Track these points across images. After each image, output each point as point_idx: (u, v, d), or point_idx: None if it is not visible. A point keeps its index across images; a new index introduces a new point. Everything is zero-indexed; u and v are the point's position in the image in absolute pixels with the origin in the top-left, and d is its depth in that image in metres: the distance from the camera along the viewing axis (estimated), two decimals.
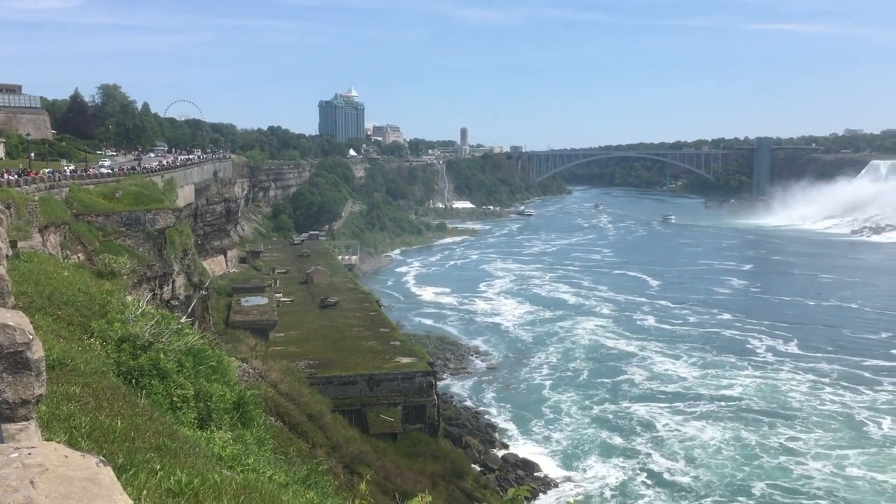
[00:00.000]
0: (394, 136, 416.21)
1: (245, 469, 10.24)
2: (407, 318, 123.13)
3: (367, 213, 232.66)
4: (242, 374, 46.66)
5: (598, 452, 70.44)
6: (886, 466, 66.02)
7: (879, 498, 60.70)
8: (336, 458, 49.21)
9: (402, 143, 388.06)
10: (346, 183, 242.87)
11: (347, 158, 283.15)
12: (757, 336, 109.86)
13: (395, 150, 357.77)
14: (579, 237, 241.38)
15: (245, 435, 13.42)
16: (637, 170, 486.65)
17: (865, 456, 68.41)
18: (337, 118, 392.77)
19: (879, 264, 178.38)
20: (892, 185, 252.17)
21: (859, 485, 62.75)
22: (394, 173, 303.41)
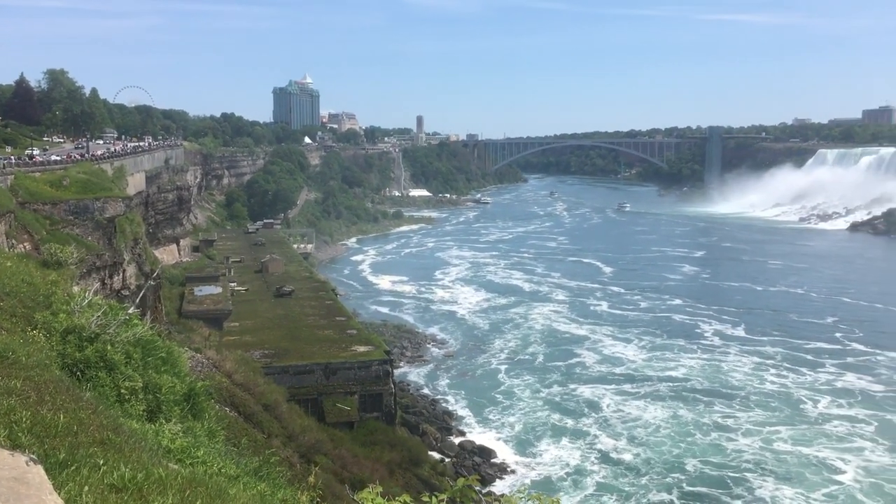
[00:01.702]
0: (349, 123, 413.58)
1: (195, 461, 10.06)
2: (363, 306, 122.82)
3: (322, 202, 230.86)
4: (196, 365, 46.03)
5: (550, 436, 71.64)
6: (813, 441, 68.98)
7: (805, 470, 63.34)
8: (292, 448, 48.88)
9: (357, 131, 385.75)
10: (301, 171, 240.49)
11: (302, 146, 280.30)
12: (706, 320, 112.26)
13: (351, 138, 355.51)
14: (535, 225, 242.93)
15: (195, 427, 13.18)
16: (592, 158, 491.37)
17: (797, 432, 71.10)
18: (291, 105, 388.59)
19: (826, 251, 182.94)
20: (838, 174, 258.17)
21: (786, 458, 65.54)
22: (350, 161, 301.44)
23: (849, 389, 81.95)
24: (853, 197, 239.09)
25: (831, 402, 78.44)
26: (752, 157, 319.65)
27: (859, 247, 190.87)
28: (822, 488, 60.29)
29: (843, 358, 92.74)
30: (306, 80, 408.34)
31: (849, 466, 63.72)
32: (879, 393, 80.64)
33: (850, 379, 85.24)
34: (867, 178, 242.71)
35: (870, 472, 62.70)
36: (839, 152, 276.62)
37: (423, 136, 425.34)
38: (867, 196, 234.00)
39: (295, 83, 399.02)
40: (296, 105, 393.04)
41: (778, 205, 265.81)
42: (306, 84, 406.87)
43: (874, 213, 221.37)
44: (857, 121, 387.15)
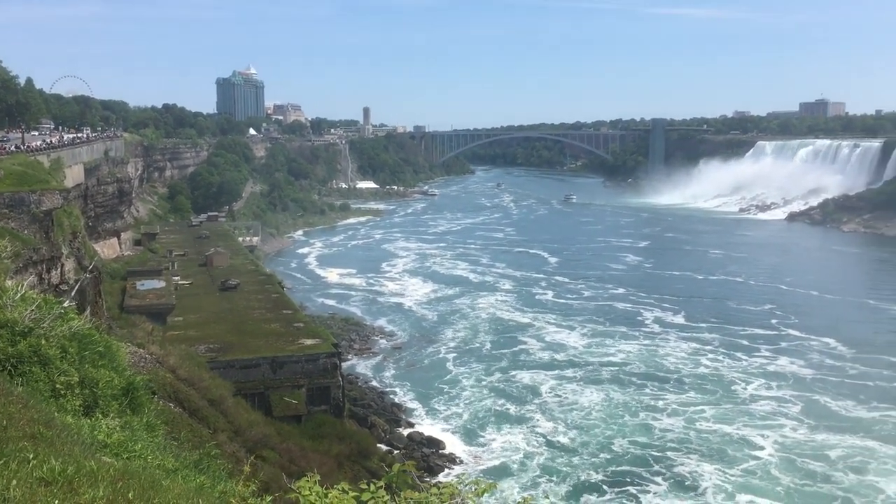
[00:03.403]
0: (295, 115, 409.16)
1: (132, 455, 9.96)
2: (311, 299, 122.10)
3: (268, 194, 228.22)
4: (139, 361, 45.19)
5: (496, 424, 72.77)
6: (738, 420, 71.74)
7: (727, 447, 65.87)
8: (238, 443, 48.45)
9: (303, 123, 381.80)
10: (246, 163, 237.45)
11: (247, 138, 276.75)
12: (647, 308, 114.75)
13: (297, 130, 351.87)
14: (483, 216, 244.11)
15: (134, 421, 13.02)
16: (538, 150, 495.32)
17: (724, 412, 73.83)
18: (236, 96, 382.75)
19: (764, 240, 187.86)
20: (776, 165, 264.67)
21: (710, 437, 68.25)
22: (296, 153, 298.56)
23: (780, 373, 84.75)
24: (791, 188, 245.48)
25: (762, 384, 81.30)
26: (694, 148, 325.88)
27: (796, 236, 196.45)
28: (741, 464, 62.81)
29: (778, 343, 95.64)
30: (251, 71, 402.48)
31: (767, 442, 66.71)
32: (809, 376, 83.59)
33: (782, 363, 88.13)
34: (804, 170, 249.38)
35: (786, 448, 65.54)
36: (777, 144, 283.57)
37: (370, 128, 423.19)
38: (804, 187, 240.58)
39: (239, 74, 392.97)
40: (240, 96, 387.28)
41: (719, 196, 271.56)
42: (251, 75, 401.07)
43: (810, 203, 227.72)
44: (795, 114, 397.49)
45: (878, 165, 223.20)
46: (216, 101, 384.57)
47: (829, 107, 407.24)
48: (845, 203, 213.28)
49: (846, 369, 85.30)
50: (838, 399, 76.27)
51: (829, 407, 74.61)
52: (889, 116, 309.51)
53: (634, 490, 59.17)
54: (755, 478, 60.52)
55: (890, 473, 60.41)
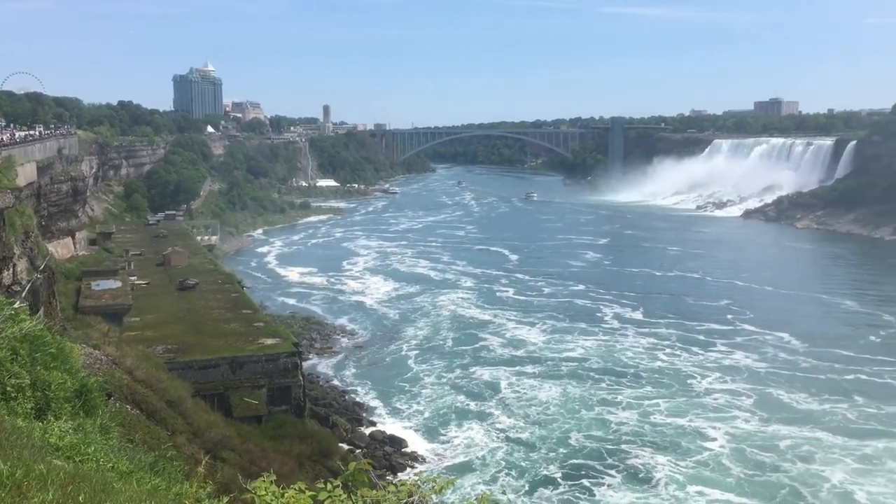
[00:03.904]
0: (254, 112, 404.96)
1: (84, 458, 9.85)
2: (271, 298, 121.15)
3: (227, 192, 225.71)
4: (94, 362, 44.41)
5: (458, 421, 73.09)
6: (692, 412, 73.06)
7: (680, 439, 67.15)
8: (197, 444, 47.90)
9: (262, 120, 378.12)
10: (204, 161, 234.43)
11: (205, 135, 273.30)
12: (606, 304, 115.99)
13: (256, 127, 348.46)
14: (444, 214, 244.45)
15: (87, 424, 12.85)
16: (499, 148, 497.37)
17: (678, 405, 75.11)
18: (193, 93, 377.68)
19: (721, 237, 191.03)
20: (732, 163, 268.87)
21: (664, 429, 69.50)
22: (255, 151, 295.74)
23: (735, 366, 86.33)
24: (746, 185, 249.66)
25: (716, 378, 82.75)
26: (652, 146, 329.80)
27: (752, 233, 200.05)
28: (694, 455, 64.02)
29: (733, 338, 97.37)
30: (208, 68, 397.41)
31: (719, 434, 68.05)
32: (763, 369, 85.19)
33: (737, 357, 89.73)
34: (759, 168, 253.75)
35: (737, 439, 66.90)
36: (733, 142, 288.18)
37: (330, 126, 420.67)
38: (759, 184, 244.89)
39: (196, 71, 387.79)
40: (197, 93, 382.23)
41: (677, 193, 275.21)
42: (208, 72, 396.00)
43: (765, 200, 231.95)
44: (750, 112, 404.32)
45: (830, 163, 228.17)
46: (173, 98, 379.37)
47: (782, 106, 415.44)
48: (799, 200, 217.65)
49: (799, 363, 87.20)
50: (790, 392, 77.98)
51: (781, 399, 76.25)
52: (840, 115, 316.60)
53: (589, 483, 60.02)
54: (707, 469, 61.76)
55: (836, 463, 62.05)
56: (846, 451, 64.02)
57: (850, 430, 68.59)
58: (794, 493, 57.41)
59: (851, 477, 59.61)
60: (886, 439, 66.18)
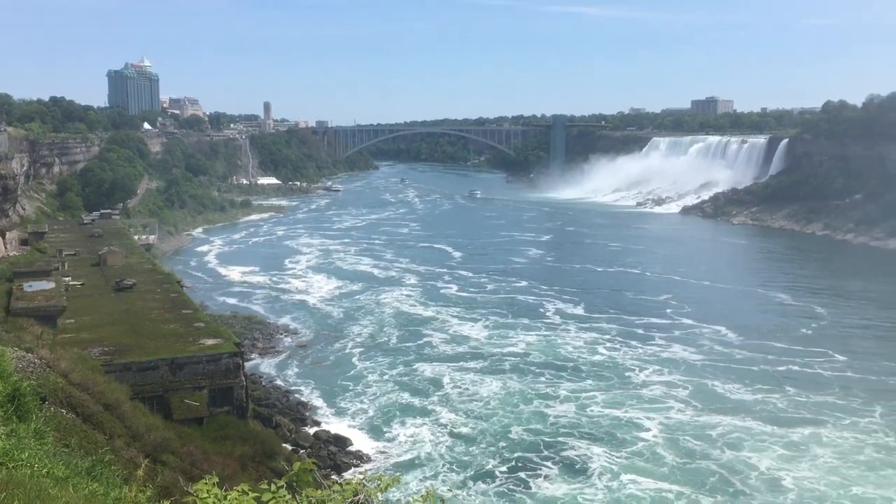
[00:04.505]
0: (192, 109, 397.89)
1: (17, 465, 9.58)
2: (212, 298, 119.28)
3: (165, 190, 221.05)
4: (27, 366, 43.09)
5: (402, 418, 73.17)
6: (628, 404, 74.69)
7: (616, 431, 68.61)
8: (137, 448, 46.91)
9: (201, 117, 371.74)
10: (141, 158, 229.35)
11: (142, 132, 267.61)
12: (548, 300, 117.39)
13: (195, 124, 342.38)
14: (388, 212, 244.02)
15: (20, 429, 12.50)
16: (442, 145, 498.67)
17: (615, 397, 76.61)
18: (129, 89, 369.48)
19: (660, 233, 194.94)
20: (670, 161, 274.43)
21: (600, 421, 71.00)
22: (194, 148, 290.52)
23: (672, 359, 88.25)
24: (684, 182, 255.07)
25: (654, 370, 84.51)
26: (593, 144, 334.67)
27: (690, 229, 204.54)
28: (629, 446, 65.47)
29: (672, 331, 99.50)
30: (144, 64, 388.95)
31: (653, 424, 69.65)
32: (699, 361, 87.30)
33: (675, 350, 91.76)
34: (696, 165, 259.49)
35: (670, 429, 68.59)
36: (671, 140, 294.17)
37: (271, 123, 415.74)
38: (696, 181, 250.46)
39: (132, 66, 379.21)
40: (133, 89, 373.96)
41: (617, 190, 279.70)
42: (144, 67, 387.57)
43: (702, 197, 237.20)
44: (687, 110, 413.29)
45: (764, 161, 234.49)
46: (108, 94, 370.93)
47: (718, 104, 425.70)
48: (734, 197, 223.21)
49: (734, 355, 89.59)
50: (725, 383, 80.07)
51: (716, 390, 78.26)
52: (773, 114, 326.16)
53: (526, 475, 60.87)
54: (641, 458, 63.20)
55: (764, 450, 64.12)
56: (775, 439, 66.21)
57: (780, 418, 70.88)
58: (723, 480, 59.14)
59: (778, 463, 61.72)
60: (813, 426, 68.56)
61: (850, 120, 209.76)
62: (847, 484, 58.18)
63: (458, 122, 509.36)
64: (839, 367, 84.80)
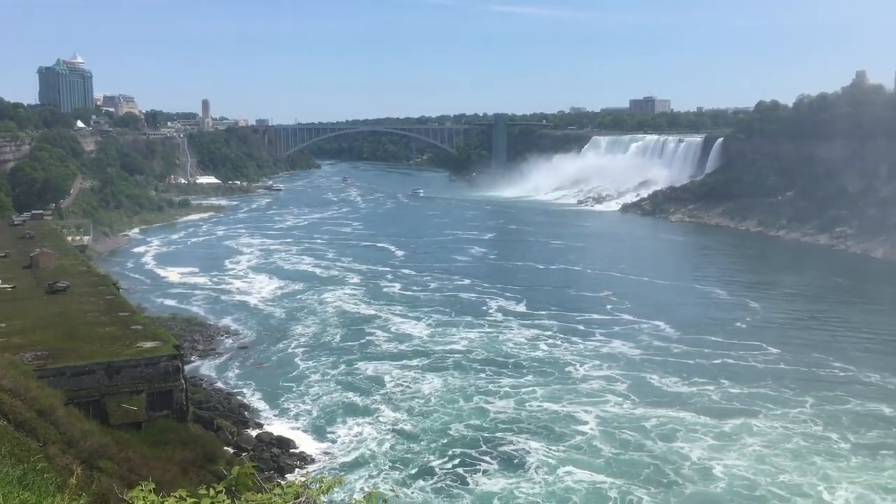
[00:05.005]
0: (128, 107, 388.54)
1: None
2: (150, 300, 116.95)
3: (100, 190, 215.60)
4: None
5: (345, 418, 73.07)
6: (566, 398, 76.02)
7: (554, 425, 69.81)
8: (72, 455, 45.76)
9: (137, 115, 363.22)
10: (74, 157, 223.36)
11: (75, 131, 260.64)
12: (491, 297, 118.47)
13: (130, 123, 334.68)
14: (330, 211, 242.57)
15: None
16: (384, 144, 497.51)
17: (554, 392, 77.88)
18: (60, 86, 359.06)
19: (600, 230, 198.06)
20: (610, 159, 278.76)
21: (539, 415, 72.18)
22: (129, 147, 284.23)
23: (612, 354, 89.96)
24: (624, 180, 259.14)
25: (594, 365, 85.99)
26: (534, 143, 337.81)
27: (629, 226, 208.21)
28: (567, 439, 66.71)
29: (612, 327, 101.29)
30: (77, 60, 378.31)
31: (591, 417, 71.08)
32: (638, 356, 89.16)
33: (615, 345, 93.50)
34: (635, 163, 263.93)
35: (607, 422, 70.09)
36: (611, 139, 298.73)
37: (209, 121, 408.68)
38: (635, 179, 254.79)
39: (63, 63, 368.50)
40: (65, 86, 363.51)
41: (559, 188, 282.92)
42: (77, 64, 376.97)
43: (641, 195, 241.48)
44: (626, 110, 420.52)
45: (700, 159, 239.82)
46: (38, 91, 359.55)
47: (656, 104, 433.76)
48: (672, 195, 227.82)
49: (671, 349, 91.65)
50: (662, 376, 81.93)
51: (653, 383, 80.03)
52: (709, 114, 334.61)
53: (466, 471, 61.51)
54: (578, 451, 64.46)
55: (696, 440, 65.98)
56: (707, 429, 68.15)
57: (713, 409, 72.92)
58: (657, 471, 60.69)
59: (709, 453, 63.61)
60: (744, 417, 70.75)
61: (781, 120, 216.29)
62: (775, 471, 60.24)
63: (401, 121, 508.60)
64: (772, 360, 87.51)
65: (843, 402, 74.29)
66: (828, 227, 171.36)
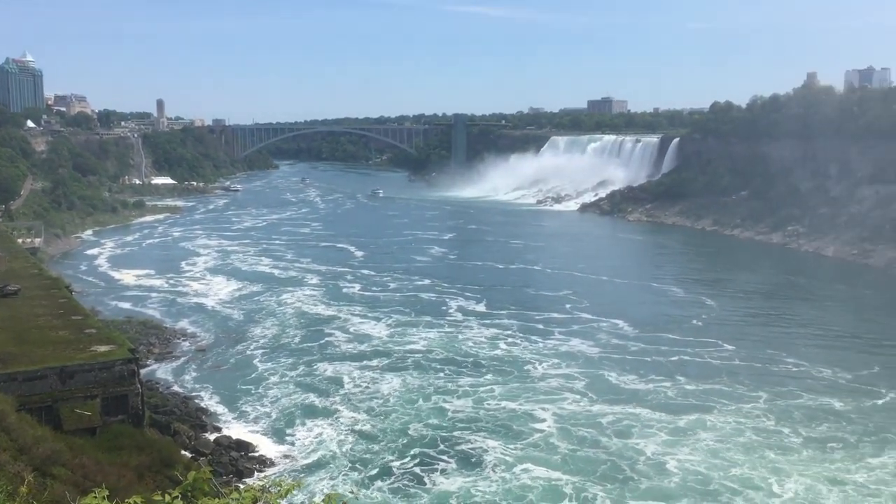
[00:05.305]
0: (80, 106, 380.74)
1: None
2: (104, 303, 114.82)
3: (51, 191, 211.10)
4: None
5: (305, 419, 72.58)
6: (524, 397, 76.48)
7: (512, 423, 70.30)
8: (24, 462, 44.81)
9: (90, 115, 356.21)
10: (24, 158, 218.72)
11: (25, 131, 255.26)
12: (451, 297, 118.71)
13: (83, 122, 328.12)
14: (289, 212, 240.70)
15: None
16: (343, 144, 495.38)
17: (512, 390, 78.28)
18: (10, 85, 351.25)
19: (559, 230, 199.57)
20: (569, 159, 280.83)
21: (497, 414, 72.50)
22: (82, 147, 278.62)
23: (570, 352, 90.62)
24: (582, 180, 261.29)
25: (552, 364, 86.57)
26: (494, 143, 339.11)
27: (588, 226, 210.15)
28: (524, 437, 67.17)
29: (571, 326, 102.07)
30: (26, 58, 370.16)
31: (548, 415, 71.56)
32: (596, 354, 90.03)
33: (574, 343, 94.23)
34: (593, 163, 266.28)
35: (564, 419, 70.68)
36: (569, 139, 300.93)
37: (164, 121, 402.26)
38: (594, 179, 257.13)
39: (13, 61, 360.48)
40: (15, 85, 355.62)
41: (518, 188, 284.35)
42: (26, 62, 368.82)
43: (600, 194, 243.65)
44: (584, 110, 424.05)
45: (656, 159, 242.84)
46: None
47: (613, 104, 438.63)
48: (629, 194, 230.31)
49: (629, 347, 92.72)
50: (620, 374, 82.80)
51: (610, 381, 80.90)
52: (665, 114, 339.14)
53: (424, 470, 61.64)
54: (535, 449, 64.93)
55: (652, 436, 66.93)
56: (662, 425, 69.19)
57: (669, 405, 74.04)
58: (613, 467, 61.46)
59: (663, 448, 64.61)
60: (699, 413, 71.92)
61: (735, 120, 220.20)
62: (727, 465, 61.41)
63: (360, 121, 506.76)
64: (727, 356, 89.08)
65: (795, 396, 75.96)
66: (780, 226, 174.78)
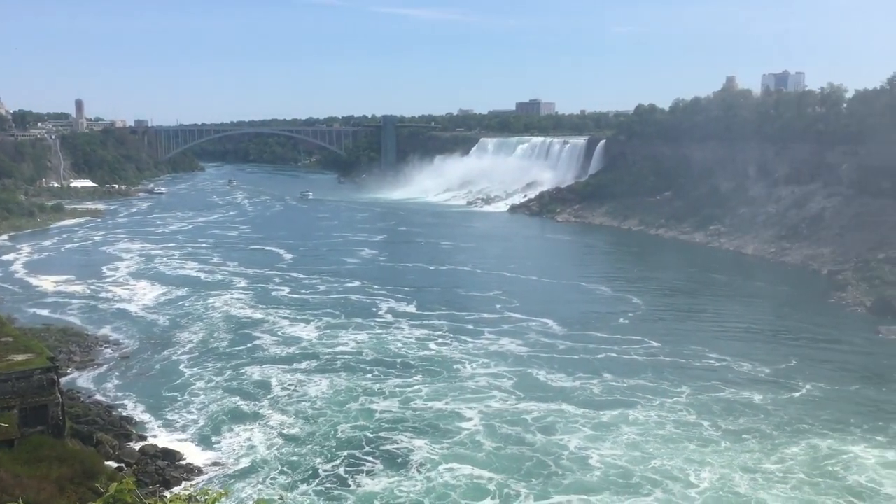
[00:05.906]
0: None
1: None
2: (21, 310, 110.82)
3: None
4: None
5: (233, 425, 71.69)
6: (451, 396, 77.30)
7: (439, 422, 71.08)
8: None
9: (4, 115, 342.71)
10: None
11: None
12: (381, 299, 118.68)
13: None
14: (216, 215, 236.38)
15: None
16: (271, 146, 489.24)
17: (440, 390, 78.96)
18: None
19: (489, 231, 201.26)
20: (498, 161, 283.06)
21: (424, 413, 73.23)
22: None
23: (500, 352, 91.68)
24: (511, 181, 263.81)
25: (482, 363, 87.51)
26: (423, 145, 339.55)
27: (517, 227, 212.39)
28: (450, 436, 67.97)
29: (501, 326, 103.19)
30: None
31: (474, 413, 72.49)
32: (525, 353, 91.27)
33: (503, 343, 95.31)
34: (522, 165, 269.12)
35: (490, 417, 71.70)
36: (498, 141, 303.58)
37: (84, 122, 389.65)
38: (523, 181, 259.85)
39: None
40: None
41: (448, 190, 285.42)
42: None
43: (529, 195, 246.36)
44: (512, 112, 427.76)
45: (584, 160, 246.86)
46: None
47: (541, 106, 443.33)
48: (558, 195, 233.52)
49: (558, 345, 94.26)
50: (548, 372, 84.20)
51: (538, 379, 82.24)
52: (592, 116, 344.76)
53: (350, 472, 61.84)
54: (461, 447, 65.71)
55: (575, 432, 68.50)
56: (586, 421, 70.88)
57: (594, 402, 75.82)
58: (537, 463, 62.75)
59: (586, 443, 66.30)
60: (622, 408, 73.92)
61: (658, 122, 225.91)
62: (647, 458, 63.37)
63: (288, 122, 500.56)
64: (652, 352, 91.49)
65: (716, 390, 78.56)
66: (703, 226, 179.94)
